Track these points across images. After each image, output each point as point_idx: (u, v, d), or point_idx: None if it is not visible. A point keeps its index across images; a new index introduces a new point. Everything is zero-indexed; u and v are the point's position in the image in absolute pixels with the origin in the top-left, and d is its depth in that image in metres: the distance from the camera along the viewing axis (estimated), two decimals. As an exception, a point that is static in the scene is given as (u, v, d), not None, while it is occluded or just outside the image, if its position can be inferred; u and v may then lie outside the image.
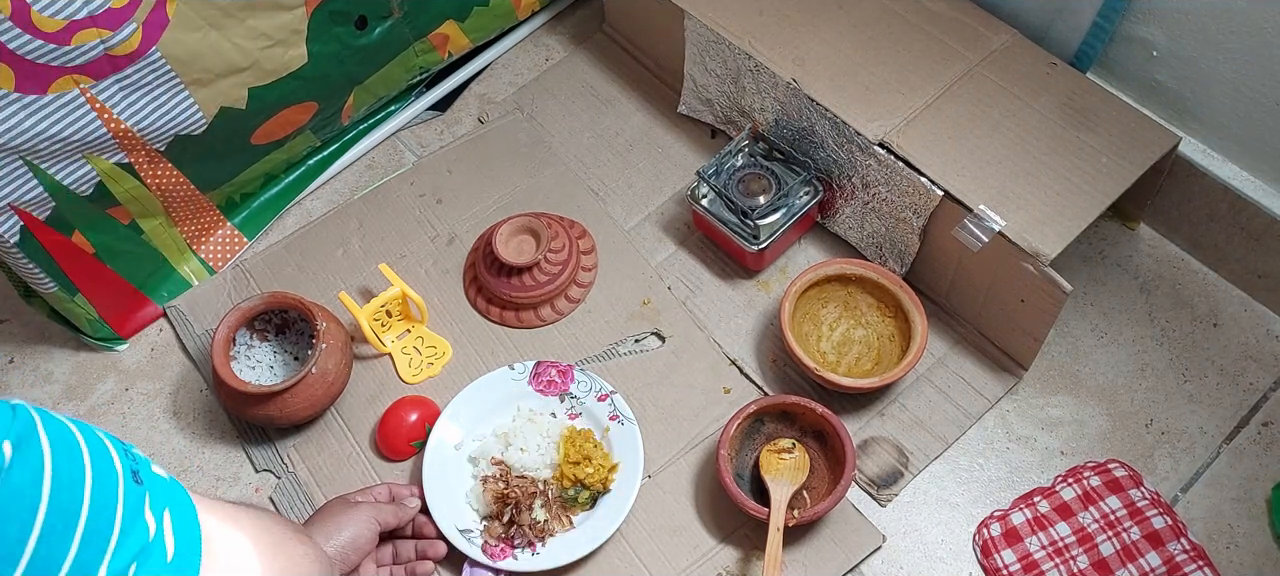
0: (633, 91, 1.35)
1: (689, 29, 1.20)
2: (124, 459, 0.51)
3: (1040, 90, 1.08)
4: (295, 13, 1.10)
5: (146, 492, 0.50)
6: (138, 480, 0.51)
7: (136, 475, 0.51)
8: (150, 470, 0.53)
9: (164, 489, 0.53)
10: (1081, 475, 1.01)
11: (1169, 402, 1.06)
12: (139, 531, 0.49)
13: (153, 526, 0.50)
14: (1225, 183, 1.07)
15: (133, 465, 0.51)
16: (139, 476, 0.51)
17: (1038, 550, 0.98)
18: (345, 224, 1.26)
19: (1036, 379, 1.08)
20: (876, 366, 1.08)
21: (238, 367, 1.08)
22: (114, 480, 0.49)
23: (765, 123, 1.18)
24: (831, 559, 0.99)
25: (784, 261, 1.18)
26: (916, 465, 1.04)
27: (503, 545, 0.99)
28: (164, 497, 0.52)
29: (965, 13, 1.14)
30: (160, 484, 0.53)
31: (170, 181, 1.13)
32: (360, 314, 1.10)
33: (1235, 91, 1.03)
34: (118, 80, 0.99)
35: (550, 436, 1.05)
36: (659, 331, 1.15)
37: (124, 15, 0.96)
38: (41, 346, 1.20)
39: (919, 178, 1.03)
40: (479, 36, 1.36)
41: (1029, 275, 0.99)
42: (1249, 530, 0.98)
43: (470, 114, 1.36)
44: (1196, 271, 1.14)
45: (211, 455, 1.11)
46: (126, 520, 0.48)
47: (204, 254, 1.23)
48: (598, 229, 1.22)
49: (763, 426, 1.05)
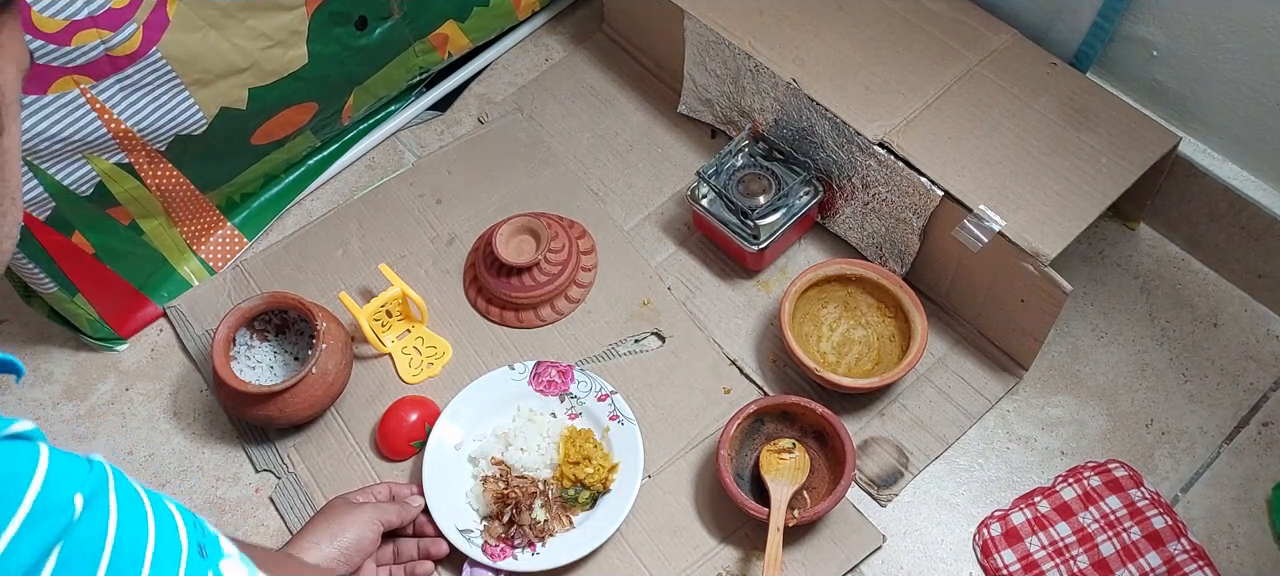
0: (632, 91, 1.35)
1: (689, 29, 1.20)
2: (191, 530, 0.51)
3: (1040, 90, 1.08)
4: (295, 13, 1.10)
5: (210, 567, 0.51)
6: (202, 553, 0.51)
7: (202, 548, 0.51)
8: (218, 544, 0.53)
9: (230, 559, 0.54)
10: (1082, 475, 1.01)
11: (1169, 402, 1.06)
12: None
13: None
14: (1225, 183, 1.07)
15: (200, 538, 0.52)
16: (205, 550, 0.51)
17: (1038, 550, 0.97)
18: (345, 224, 1.26)
19: (1036, 379, 1.08)
20: (876, 366, 1.08)
21: (238, 368, 1.08)
22: (177, 551, 0.49)
23: (765, 123, 1.18)
24: (831, 559, 0.99)
25: (784, 261, 1.18)
26: (916, 465, 1.04)
27: (503, 545, 0.99)
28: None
29: (965, 13, 1.15)
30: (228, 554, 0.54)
31: (170, 182, 1.13)
32: (360, 314, 1.10)
33: (1235, 91, 1.03)
34: (118, 80, 0.99)
35: (550, 436, 1.05)
36: (659, 331, 1.15)
37: (124, 16, 0.96)
38: (41, 346, 1.20)
39: (919, 178, 1.03)
40: (479, 36, 1.36)
41: (1029, 275, 0.99)
42: (1249, 530, 0.98)
43: (470, 114, 1.36)
44: (1196, 271, 1.14)
45: (211, 455, 1.11)
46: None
47: (204, 254, 1.23)
48: (598, 229, 1.22)
49: (763, 426, 1.05)
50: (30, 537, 0.41)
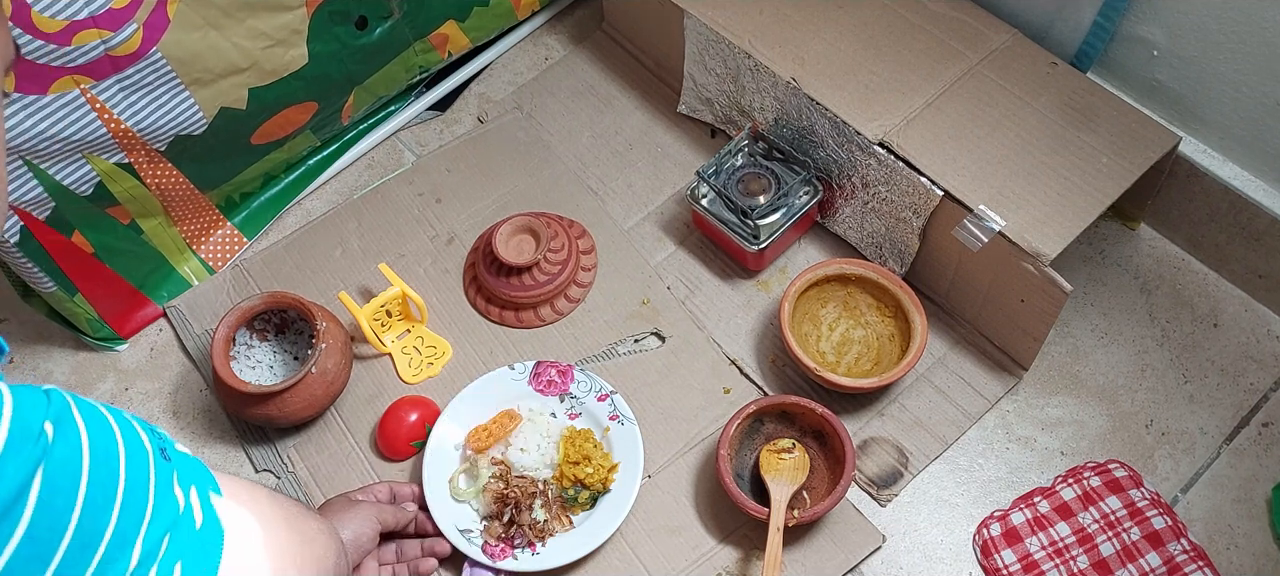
0: (632, 91, 1.35)
1: (689, 28, 1.20)
2: (152, 438, 0.54)
3: (1040, 90, 1.08)
4: (295, 13, 1.10)
5: (174, 469, 0.54)
6: (165, 457, 0.54)
7: (164, 452, 0.54)
8: (175, 449, 0.57)
9: (189, 465, 0.57)
10: (1081, 475, 1.01)
11: (1169, 403, 1.06)
12: (170, 505, 0.53)
13: (181, 500, 0.53)
14: (1225, 183, 1.07)
15: (160, 443, 0.55)
16: (166, 453, 0.55)
17: (1038, 550, 0.98)
18: (345, 224, 1.26)
19: (1036, 379, 1.08)
20: (876, 366, 1.08)
21: (238, 367, 1.08)
22: (145, 456, 0.52)
23: (765, 122, 1.18)
24: (831, 559, 0.99)
25: (784, 261, 1.18)
26: (916, 465, 1.04)
27: (503, 545, 0.99)
28: (189, 474, 0.56)
29: (965, 12, 1.14)
30: (186, 461, 0.57)
31: (170, 181, 1.13)
32: (360, 314, 1.10)
33: (1235, 91, 1.03)
34: (118, 80, 0.99)
35: (550, 436, 1.05)
36: (659, 331, 1.15)
37: (124, 16, 0.96)
38: (41, 346, 1.20)
39: (919, 177, 1.03)
40: (479, 36, 1.36)
41: (1029, 275, 0.99)
42: (1249, 530, 0.98)
43: (470, 114, 1.36)
44: (1197, 271, 1.14)
45: (211, 455, 1.11)
46: (158, 493, 0.52)
47: (204, 254, 1.23)
48: (597, 228, 1.22)
49: (763, 426, 1.05)
50: (11, 467, 0.44)
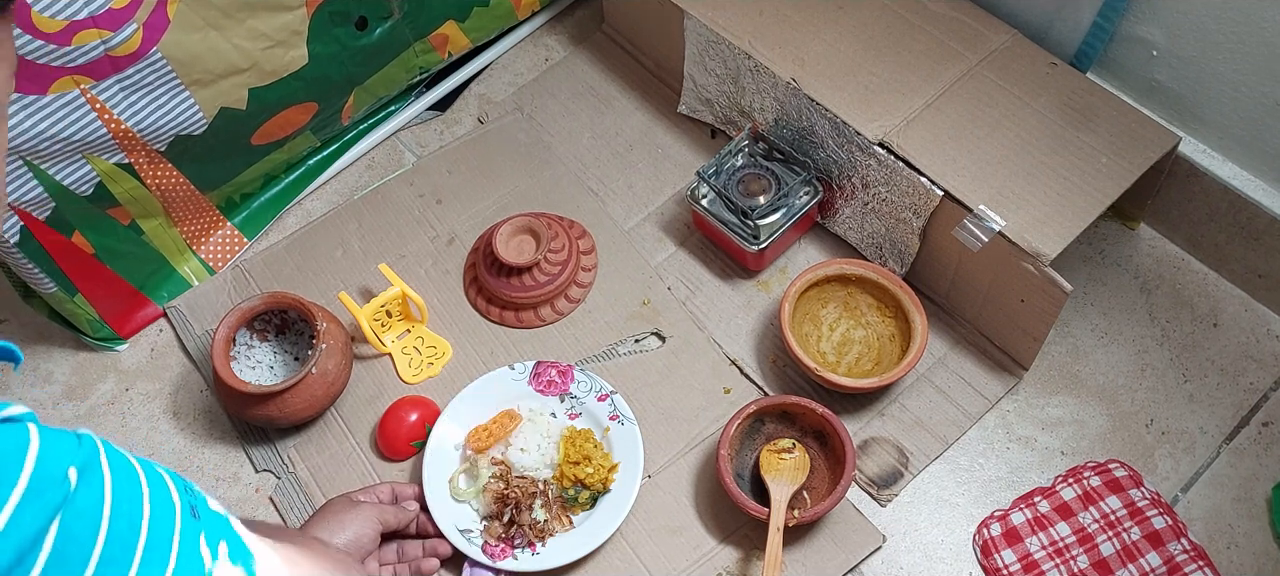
0: (632, 91, 1.35)
1: (689, 29, 1.20)
2: (183, 494, 0.53)
3: (1040, 90, 1.08)
4: (295, 13, 1.10)
5: (202, 529, 0.53)
6: (195, 515, 0.53)
7: (194, 510, 0.54)
8: (207, 506, 0.56)
9: (219, 524, 0.56)
10: (1082, 475, 1.01)
11: (1169, 402, 1.06)
12: (195, 563, 0.52)
13: (208, 559, 0.53)
14: (1225, 183, 1.07)
15: (191, 500, 0.54)
16: (196, 512, 0.54)
17: (1038, 550, 0.98)
18: (345, 224, 1.26)
19: (1036, 379, 1.08)
20: (876, 366, 1.08)
21: (238, 368, 1.08)
22: (171, 512, 0.51)
23: (765, 123, 1.18)
24: (831, 559, 0.99)
25: (784, 261, 1.18)
26: (916, 465, 1.04)
27: (503, 545, 0.99)
28: (219, 531, 0.55)
29: (965, 13, 1.14)
30: (215, 519, 0.56)
31: (170, 182, 1.13)
32: (360, 314, 1.10)
33: (1235, 91, 1.03)
34: (118, 81, 0.99)
35: (550, 436, 1.05)
36: (659, 331, 1.15)
37: (124, 16, 0.96)
38: (41, 346, 1.20)
39: (919, 178, 1.03)
40: (479, 36, 1.36)
41: (1029, 275, 0.99)
42: (1249, 530, 0.98)
43: (470, 114, 1.36)
44: (1196, 271, 1.14)
45: (211, 455, 1.11)
46: (183, 551, 0.51)
47: (204, 254, 1.23)
48: (597, 229, 1.22)
49: (763, 426, 1.05)
50: (30, 512, 0.43)
